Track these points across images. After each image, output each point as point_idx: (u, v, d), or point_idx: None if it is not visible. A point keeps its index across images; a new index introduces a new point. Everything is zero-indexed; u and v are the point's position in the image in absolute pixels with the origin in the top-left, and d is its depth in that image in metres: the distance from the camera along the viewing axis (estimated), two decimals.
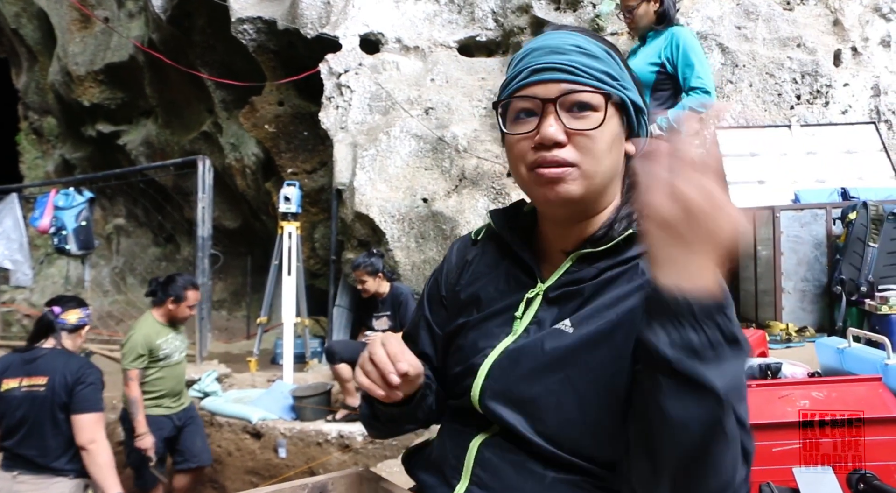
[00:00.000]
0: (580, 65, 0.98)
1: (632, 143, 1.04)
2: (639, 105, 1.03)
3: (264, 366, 6.44)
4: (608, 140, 0.99)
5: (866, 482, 1.47)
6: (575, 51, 0.99)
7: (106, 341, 7.78)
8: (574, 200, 0.99)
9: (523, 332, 1.03)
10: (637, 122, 1.03)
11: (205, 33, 7.86)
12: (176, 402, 4.34)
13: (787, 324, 4.26)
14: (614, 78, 1.00)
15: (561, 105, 0.97)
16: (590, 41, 1.01)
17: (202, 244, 6.11)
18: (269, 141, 7.43)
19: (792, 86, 5.56)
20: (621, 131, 1.02)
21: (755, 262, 4.75)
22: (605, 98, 0.98)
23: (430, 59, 6.56)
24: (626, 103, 1.01)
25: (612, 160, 1.00)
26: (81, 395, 2.99)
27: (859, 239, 4.20)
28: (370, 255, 4.98)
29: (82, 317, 3.24)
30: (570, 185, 0.98)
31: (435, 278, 1.24)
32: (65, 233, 6.81)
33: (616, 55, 1.03)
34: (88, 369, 3.09)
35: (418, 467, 1.13)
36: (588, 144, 0.98)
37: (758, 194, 5.10)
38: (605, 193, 1.03)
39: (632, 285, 0.97)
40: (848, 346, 2.03)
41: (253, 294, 9.04)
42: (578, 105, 0.98)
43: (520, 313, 1.05)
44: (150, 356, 4.17)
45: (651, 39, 3.41)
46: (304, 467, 4.58)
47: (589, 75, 0.98)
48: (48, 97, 11.20)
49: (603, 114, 0.97)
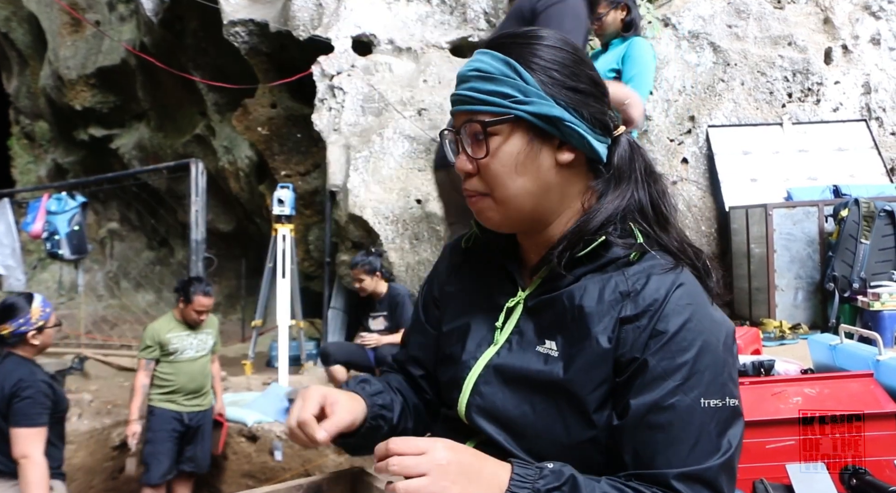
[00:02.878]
0: (474, 91, 0.98)
1: (567, 150, 0.98)
2: (547, 115, 0.96)
3: (259, 369, 6.43)
4: (508, 163, 0.97)
5: (859, 477, 1.48)
6: (474, 77, 0.99)
7: (100, 345, 7.75)
8: (499, 224, 1.02)
9: (505, 343, 1.02)
10: (557, 129, 0.97)
11: (196, 36, 7.85)
12: (190, 400, 4.36)
13: (781, 321, 4.28)
14: (506, 95, 0.96)
15: (466, 135, 0.99)
16: (493, 59, 0.98)
17: (196, 248, 6.08)
18: (263, 143, 7.42)
19: (783, 84, 5.59)
20: (534, 146, 0.97)
21: (748, 260, 4.77)
22: (487, 124, 0.96)
23: (422, 60, 6.56)
24: (525, 119, 0.96)
25: (524, 180, 0.97)
26: (16, 408, 2.92)
27: (851, 236, 4.22)
28: (368, 253, 4.98)
29: (13, 330, 3.05)
30: (489, 213, 1.01)
31: (429, 279, 1.24)
32: (57, 238, 6.77)
33: (521, 66, 0.97)
34: (29, 381, 2.98)
35: None
36: (488, 173, 0.98)
37: (750, 192, 5.13)
38: (540, 207, 1.00)
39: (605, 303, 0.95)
40: (840, 342, 2.04)
41: (247, 297, 9.02)
42: (477, 133, 0.97)
43: (500, 322, 1.05)
44: (162, 350, 4.28)
45: (613, 46, 3.51)
46: (300, 469, 4.57)
47: (479, 101, 0.97)
48: (40, 101, 11.16)
49: (499, 138, 0.96)
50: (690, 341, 0.90)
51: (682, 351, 0.90)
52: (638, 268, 0.96)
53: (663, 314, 0.91)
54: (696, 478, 0.87)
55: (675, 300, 0.92)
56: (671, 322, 0.91)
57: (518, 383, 0.98)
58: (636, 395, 0.90)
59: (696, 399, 0.89)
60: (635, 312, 0.92)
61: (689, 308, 0.92)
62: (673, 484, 0.86)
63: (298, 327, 6.30)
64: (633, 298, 0.93)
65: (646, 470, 0.88)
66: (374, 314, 4.98)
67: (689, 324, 0.91)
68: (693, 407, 0.88)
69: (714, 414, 0.89)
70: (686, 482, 0.87)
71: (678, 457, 0.87)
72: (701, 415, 0.88)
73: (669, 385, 0.89)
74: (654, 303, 0.92)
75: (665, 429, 0.88)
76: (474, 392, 1.02)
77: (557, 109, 0.96)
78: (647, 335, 0.91)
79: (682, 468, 0.87)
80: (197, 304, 4.28)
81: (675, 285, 0.94)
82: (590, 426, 0.93)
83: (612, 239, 0.97)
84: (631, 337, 0.92)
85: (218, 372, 4.70)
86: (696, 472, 0.87)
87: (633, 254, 0.97)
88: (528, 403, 0.97)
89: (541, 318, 1.01)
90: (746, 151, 5.35)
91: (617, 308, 0.94)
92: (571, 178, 1.01)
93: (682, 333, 0.90)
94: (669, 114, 5.59)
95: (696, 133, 5.48)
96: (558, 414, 0.94)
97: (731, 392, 0.91)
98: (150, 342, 4.28)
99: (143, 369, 4.30)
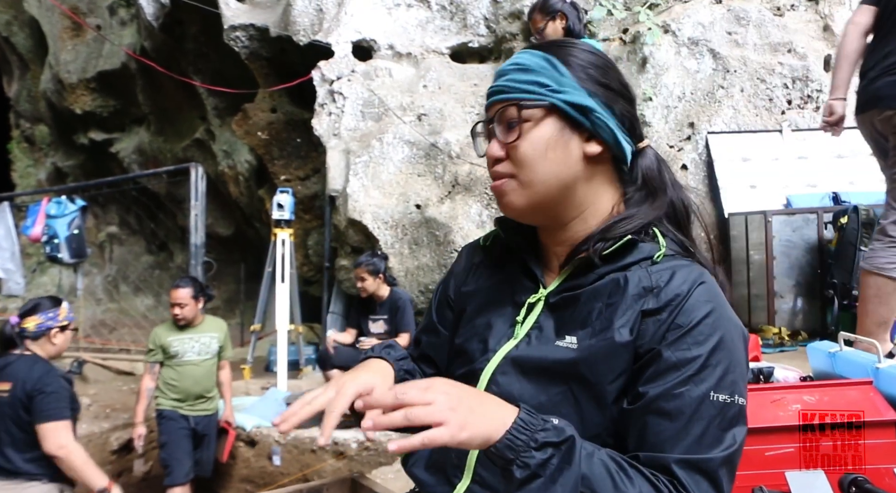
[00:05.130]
0: (512, 82, 1.04)
1: (596, 143, 1.03)
2: (578, 104, 1.01)
3: (258, 373, 6.42)
4: (538, 146, 1.01)
5: (858, 485, 1.48)
6: (512, 70, 1.05)
7: (99, 349, 7.74)
8: (521, 210, 1.04)
9: (524, 337, 1.04)
10: (588, 120, 1.02)
11: (197, 41, 7.86)
12: (192, 407, 4.39)
13: (780, 328, 4.27)
14: (542, 85, 1.02)
15: (499, 123, 1.04)
16: (532, 55, 1.05)
17: (195, 252, 6.08)
18: (262, 148, 7.43)
19: (783, 91, 5.60)
20: (565, 134, 1.02)
21: (748, 267, 4.77)
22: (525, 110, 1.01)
23: (422, 66, 6.57)
24: (558, 107, 1.02)
25: (552, 165, 1.01)
26: (42, 404, 2.94)
27: (851, 243, 4.21)
28: (373, 255, 4.98)
29: (41, 322, 3.15)
30: (512, 196, 1.04)
31: (445, 281, 1.26)
32: (57, 241, 6.77)
33: (559, 61, 1.03)
34: (49, 377, 3.02)
35: (418, 466, 1.14)
36: (518, 155, 1.02)
37: (750, 199, 5.12)
38: (565, 198, 1.04)
39: (628, 296, 0.97)
40: (839, 350, 2.03)
41: (246, 301, 9.02)
42: (511, 120, 1.03)
43: (521, 317, 1.06)
44: (164, 353, 4.34)
45: None
46: (299, 474, 4.56)
47: (517, 90, 1.03)
48: (40, 105, 11.17)
49: (531, 123, 1.01)
50: (707, 336, 0.92)
51: (698, 344, 0.92)
52: (661, 266, 0.99)
53: (684, 308, 0.94)
54: (697, 467, 0.87)
55: (696, 296, 0.95)
56: (691, 316, 0.93)
57: (536, 374, 0.99)
58: (647, 382, 0.92)
59: (706, 391, 0.90)
60: (657, 305, 0.95)
61: (710, 305, 0.95)
62: (673, 469, 0.87)
63: (297, 332, 6.29)
64: (655, 293, 0.96)
65: (647, 452, 0.89)
66: (374, 317, 4.98)
67: (708, 319, 0.93)
68: (702, 399, 0.89)
69: (722, 409, 0.90)
70: (686, 469, 0.87)
71: (681, 445, 0.88)
72: (709, 408, 0.89)
73: (681, 375, 0.90)
74: (676, 297, 0.95)
75: (672, 416, 0.89)
76: (491, 382, 1.03)
77: (589, 100, 1.02)
78: (666, 328, 0.93)
79: (684, 454, 0.87)
80: (171, 297, 4.32)
81: (699, 282, 0.97)
82: (607, 417, 0.94)
83: (637, 238, 1.01)
84: (651, 329, 0.94)
85: (228, 379, 4.69)
86: (697, 460, 0.87)
87: (658, 255, 1.00)
88: (545, 393, 0.98)
89: (562, 314, 1.02)
90: (746, 157, 5.35)
91: (640, 302, 0.96)
92: (596, 173, 1.05)
93: (700, 327, 0.93)
94: (669, 120, 5.59)
95: (696, 140, 5.49)
96: (575, 404, 0.96)
97: (740, 391, 0.93)
98: (153, 346, 4.36)
99: (147, 373, 4.37)
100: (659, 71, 5.64)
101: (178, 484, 4.24)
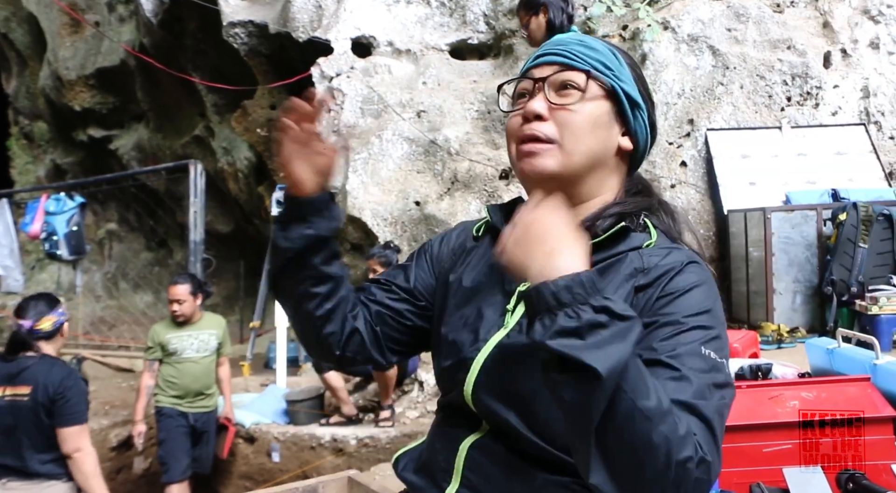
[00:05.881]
0: (575, 51, 1.05)
1: (629, 139, 1.07)
2: (633, 98, 1.06)
3: (257, 370, 6.43)
4: (590, 119, 1.03)
5: (856, 481, 1.48)
6: (575, 43, 1.07)
7: (98, 346, 7.75)
8: (549, 174, 1.03)
9: (515, 326, 1.02)
10: (633, 116, 1.06)
11: (196, 37, 7.85)
12: (192, 404, 4.39)
13: (779, 325, 4.27)
14: (608, 67, 1.05)
15: (550, 84, 1.05)
16: (596, 41, 1.09)
17: (195, 249, 6.08)
18: (262, 145, 7.42)
19: (782, 88, 5.59)
20: (612, 119, 1.05)
21: (747, 263, 4.77)
22: (592, 80, 1.03)
23: (421, 63, 6.56)
24: (616, 92, 1.04)
25: (595, 142, 1.03)
26: (64, 408, 2.96)
27: (850, 240, 4.22)
28: (386, 247, 4.96)
29: (56, 320, 3.18)
30: (546, 159, 1.03)
31: (436, 240, 1.27)
32: (56, 238, 6.76)
33: (621, 57, 1.08)
34: (70, 380, 3.04)
35: (408, 469, 1.13)
36: (568, 120, 1.02)
37: (749, 196, 5.12)
38: (587, 178, 1.06)
39: (620, 276, 0.97)
40: (838, 346, 2.04)
41: (246, 298, 9.02)
42: (566, 84, 1.04)
43: (511, 306, 1.05)
44: (163, 351, 4.34)
45: None
46: (298, 471, 4.57)
47: (580, 60, 1.04)
48: (39, 102, 11.16)
49: (589, 97, 1.03)
50: (699, 303, 0.93)
51: (689, 308, 0.92)
52: (654, 250, 1.01)
53: (674, 280, 0.95)
54: (693, 409, 0.83)
55: (687, 271, 0.96)
56: (680, 285, 0.94)
57: (527, 360, 0.98)
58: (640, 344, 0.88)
59: (698, 345, 0.89)
60: (648, 280, 0.96)
61: (700, 279, 0.96)
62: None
63: None
64: (646, 272, 0.97)
65: None
66: None
67: (698, 289, 0.94)
68: (695, 351, 0.88)
69: (713, 366, 0.88)
70: (683, 410, 0.82)
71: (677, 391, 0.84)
72: (702, 362, 0.88)
73: (675, 330, 0.90)
74: (668, 271, 0.96)
75: (666, 365, 0.86)
76: (482, 371, 1.02)
77: (641, 99, 1.08)
78: (656, 298, 0.94)
79: (680, 397, 0.83)
80: (169, 294, 4.33)
81: (690, 260, 0.98)
82: None
83: (629, 225, 1.03)
84: (643, 302, 0.94)
85: (227, 376, 4.69)
86: (693, 403, 0.83)
87: (648, 243, 1.01)
88: (536, 379, 0.95)
89: None
90: (745, 154, 5.35)
91: (632, 280, 0.97)
92: (616, 168, 1.09)
93: (691, 294, 0.93)
94: (668, 117, 5.59)
95: (695, 136, 5.48)
96: None
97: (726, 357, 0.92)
98: (152, 343, 4.36)
99: (147, 371, 4.38)
100: (658, 68, 5.64)
101: (175, 481, 4.24)
